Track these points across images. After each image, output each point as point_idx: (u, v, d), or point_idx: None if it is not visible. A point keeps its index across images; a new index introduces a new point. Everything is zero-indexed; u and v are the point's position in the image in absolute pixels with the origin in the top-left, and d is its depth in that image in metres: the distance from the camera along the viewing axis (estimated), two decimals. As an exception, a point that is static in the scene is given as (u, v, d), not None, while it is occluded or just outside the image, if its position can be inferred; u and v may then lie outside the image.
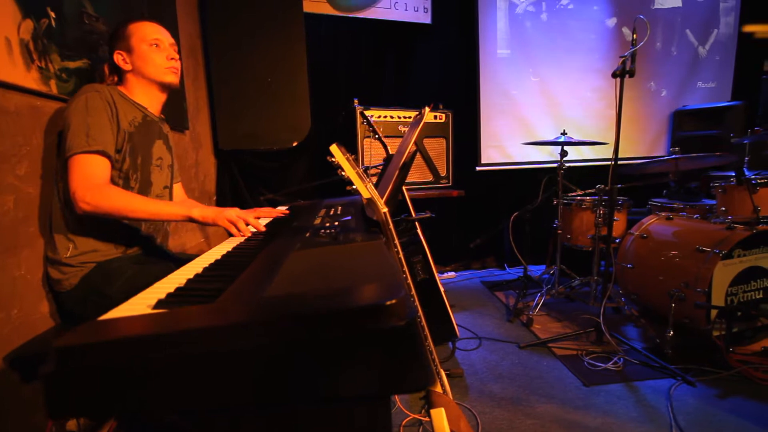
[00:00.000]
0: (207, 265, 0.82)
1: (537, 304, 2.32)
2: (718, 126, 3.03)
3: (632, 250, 2.22)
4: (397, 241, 0.97)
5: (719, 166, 2.57)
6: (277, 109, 2.36)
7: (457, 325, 1.91)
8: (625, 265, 2.23)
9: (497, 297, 2.69)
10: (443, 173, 2.63)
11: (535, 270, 2.97)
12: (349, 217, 1.15)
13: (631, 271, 2.20)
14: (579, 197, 2.36)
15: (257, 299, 0.55)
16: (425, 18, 2.93)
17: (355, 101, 2.43)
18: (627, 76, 1.96)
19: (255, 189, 2.56)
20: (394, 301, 0.42)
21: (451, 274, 3.14)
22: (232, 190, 2.53)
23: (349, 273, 0.65)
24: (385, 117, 2.46)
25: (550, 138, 3.14)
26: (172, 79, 1.23)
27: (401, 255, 1.02)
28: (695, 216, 2.26)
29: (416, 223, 1.84)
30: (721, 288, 1.84)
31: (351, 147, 2.43)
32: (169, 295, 0.63)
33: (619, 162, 2.02)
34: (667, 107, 3.35)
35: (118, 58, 1.18)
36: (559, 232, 2.40)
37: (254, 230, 1.14)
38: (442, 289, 1.72)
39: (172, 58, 1.22)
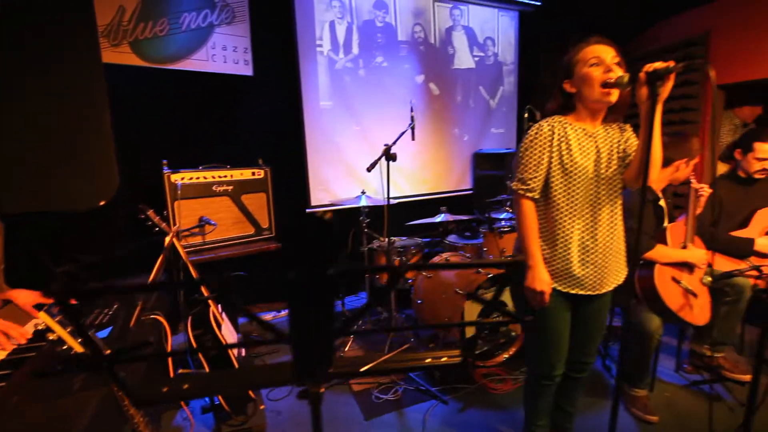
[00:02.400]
0: None
1: (347, 342, 2.66)
2: (502, 168, 3.77)
3: (421, 287, 2.69)
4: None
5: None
6: (77, 167, 2.24)
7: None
8: (417, 300, 2.70)
9: (324, 333, 2.98)
10: (265, 225, 2.80)
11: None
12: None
13: (421, 305, 2.67)
14: (378, 244, 2.75)
15: None
16: (246, 70, 3.03)
17: (164, 163, 2.43)
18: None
19: (60, 253, 2.39)
20: None
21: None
22: (28, 258, 2.33)
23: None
24: (198, 178, 2.52)
25: (374, 180, 3.58)
26: None
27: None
28: (468, 255, 2.84)
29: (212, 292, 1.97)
30: (473, 319, 2.38)
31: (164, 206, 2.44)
32: None
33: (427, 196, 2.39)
34: (468, 150, 4.04)
35: None
36: (367, 276, 2.77)
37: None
38: (233, 358, 1.89)
39: None
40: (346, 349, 2.64)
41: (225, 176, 2.61)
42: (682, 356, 2.41)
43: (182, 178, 2.43)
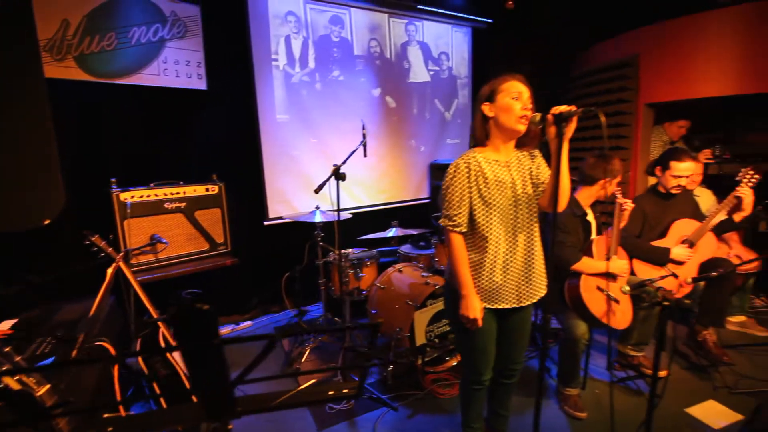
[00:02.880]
0: None
1: (303, 353, 2.72)
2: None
3: (375, 298, 2.79)
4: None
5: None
6: (20, 185, 2.18)
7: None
8: (371, 311, 2.80)
9: (282, 344, 3.03)
10: (220, 240, 2.81)
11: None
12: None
13: (376, 316, 2.77)
14: (333, 257, 2.83)
15: None
16: (200, 84, 3.03)
17: (113, 181, 2.41)
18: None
19: (9, 274, 2.32)
20: None
21: (247, 323, 3.36)
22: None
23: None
24: (149, 196, 2.51)
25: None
26: None
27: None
28: (421, 265, 2.96)
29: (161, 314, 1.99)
30: (422, 328, 2.51)
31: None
32: None
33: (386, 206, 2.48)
34: (425, 160, 4.19)
35: None
36: (322, 288, 2.84)
37: None
38: (186, 380, 1.91)
39: None
40: (303, 359, 2.70)
41: (177, 193, 2.61)
42: (612, 356, 2.64)
43: (132, 197, 2.41)
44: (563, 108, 1.30)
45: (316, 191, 2.12)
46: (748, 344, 2.82)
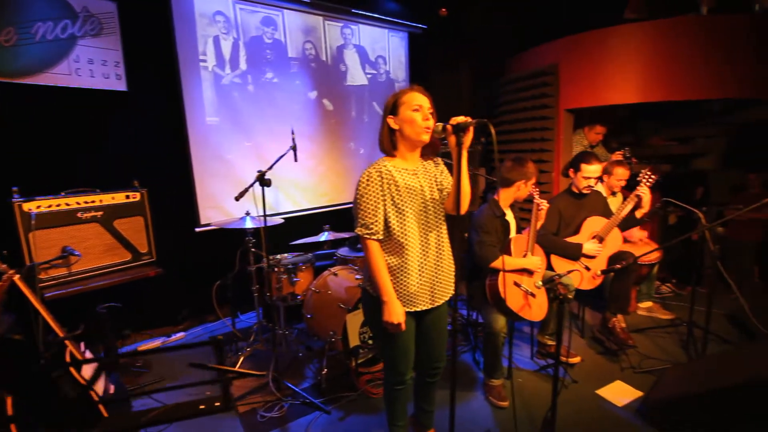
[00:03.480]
0: None
1: (237, 362, 2.66)
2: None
3: (311, 302, 2.79)
4: None
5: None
6: None
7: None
8: (307, 315, 2.79)
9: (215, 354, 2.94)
10: (144, 250, 2.68)
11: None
12: None
13: (311, 320, 2.77)
14: (270, 261, 2.79)
15: None
16: (119, 85, 2.86)
17: (14, 190, 2.22)
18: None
19: None
20: None
21: (180, 334, 3.22)
22: None
23: None
24: (58, 205, 2.34)
25: (269, 195, 3.58)
26: None
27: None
28: (356, 268, 3.00)
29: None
30: (355, 330, 2.54)
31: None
32: None
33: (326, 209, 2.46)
34: (365, 162, 4.23)
35: None
36: (256, 294, 2.80)
37: None
38: (96, 398, 1.81)
39: None
40: (237, 366, 2.64)
41: (93, 201, 2.46)
42: (535, 345, 2.82)
43: (38, 207, 2.24)
44: (461, 119, 1.38)
45: (237, 198, 2.08)
46: (653, 327, 3.13)
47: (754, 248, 3.75)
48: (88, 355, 1.89)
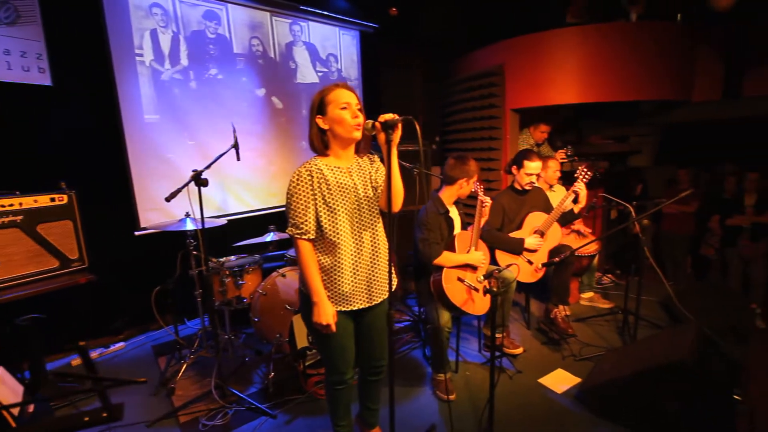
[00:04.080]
0: None
1: (179, 371, 2.55)
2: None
3: (258, 305, 2.71)
4: None
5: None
6: None
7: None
8: (254, 318, 2.72)
9: (158, 364, 2.80)
10: (74, 256, 2.51)
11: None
12: None
13: (259, 323, 2.70)
14: (212, 266, 2.69)
15: None
16: (42, 79, 2.66)
17: None
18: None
19: None
20: None
21: (120, 345, 3.05)
22: None
23: None
24: (-31, 210, 2.14)
25: (217, 195, 3.47)
26: None
27: None
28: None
29: None
30: (303, 332, 2.49)
31: None
32: None
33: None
34: (317, 161, 4.17)
35: None
36: (199, 299, 2.69)
37: None
38: (10, 418, 1.67)
39: None
40: (179, 377, 2.53)
41: (11, 204, 2.26)
42: (482, 338, 2.90)
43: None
44: (389, 116, 1.38)
45: (167, 199, 1.99)
46: (594, 316, 3.30)
47: (686, 241, 4.05)
48: (4, 372, 1.73)
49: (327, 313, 1.54)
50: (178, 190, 2.04)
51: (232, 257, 2.79)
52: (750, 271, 3.52)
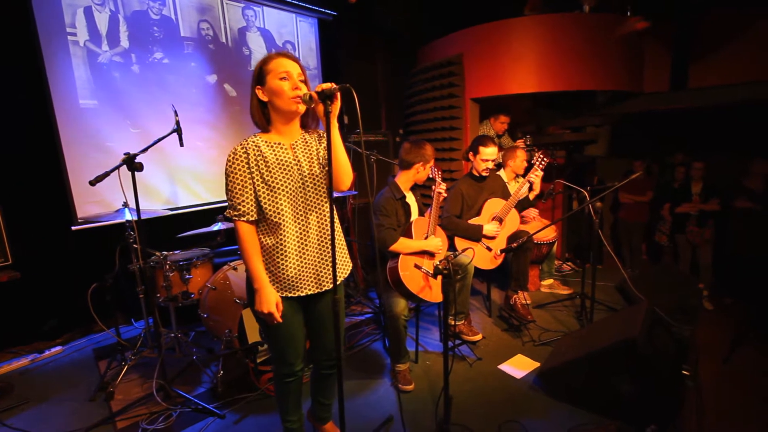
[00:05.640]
0: None
1: (119, 373, 2.36)
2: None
3: (207, 301, 2.56)
4: None
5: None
6: None
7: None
8: (203, 314, 2.56)
9: (98, 368, 2.59)
10: (-6, 252, 2.27)
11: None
12: None
13: (208, 319, 2.54)
14: (156, 260, 2.51)
15: None
16: (-44, 58, 2.39)
17: None
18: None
19: None
20: None
21: (57, 349, 2.80)
22: None
23: None
24: None
25: (165, 187, 3.26)
26: None
27: None
28: (260, 261, 2.81)
29: None
30: (254, 326, 2.37)
31: None
32: None
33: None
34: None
35: None
36: (142, 296, 2.50)
37: None
38: None
39: None
40: (119, 380, 2.34)
41: None
42: (443, 327, 2.86)
43: None
44: (326, 85, 1.29)
45: (92, 183, 1.81)
46: (553, 302, 3.34)
47: (642, 229, 4.19)
48: None
49: (268, 301, 1.44)
50: (106, 174, 1.86)
51: (179, 251, 2.62)
52: (698, 256, 3.67)
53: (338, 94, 1.31)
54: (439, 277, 2.31)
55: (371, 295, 3.53)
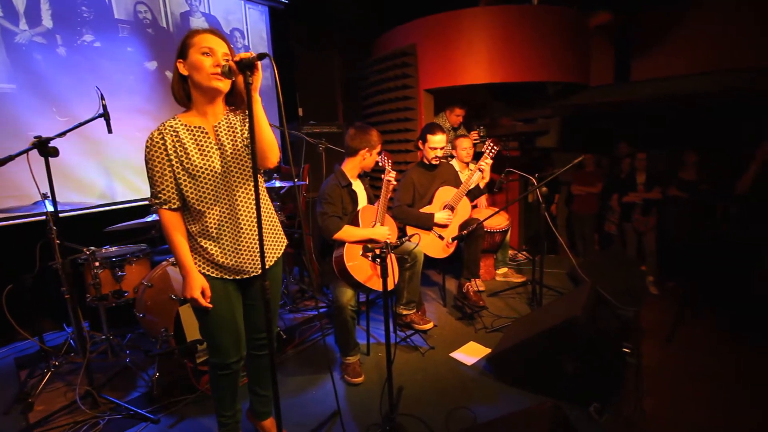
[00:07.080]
0: None
1: (41, 382, 2.16)
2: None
3: (143, 299, 2.38)
4: None
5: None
6: None
7: None
8: (139, 314, 2.38)
9: (18, 378, 2.36)
10: None
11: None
12: None
13: (144, 319, 2.37)
14: (83, 257, 2.32)
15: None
16: None
17: None
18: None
19: None
20: None
21: (-31, 359, 2.54)
22: None
23: None
24: None
25: (100, 180, 3.04)
26: None
27: None
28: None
29: None
30: (193, 324, 2.22)
31: None
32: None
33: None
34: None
35: None
36: (67, 296, 2.29)
37: None
38: None
39: None
40: (39, 390, 2.13)
41: None
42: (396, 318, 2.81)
43: None
44: (245, 55, 1.20)
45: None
46: (507, 289, 3.38)
47: (593, 219, 4.33)
48: None
49: (193, 287, 1.38)
50: (10, 157, 1.68)
51: (115, 247, 2.43)
52: (644, 243, 3.83)
53: (258, 64, 1.22)
54: (394, 265, 2.27)
55: (326, 291, 3.44)
